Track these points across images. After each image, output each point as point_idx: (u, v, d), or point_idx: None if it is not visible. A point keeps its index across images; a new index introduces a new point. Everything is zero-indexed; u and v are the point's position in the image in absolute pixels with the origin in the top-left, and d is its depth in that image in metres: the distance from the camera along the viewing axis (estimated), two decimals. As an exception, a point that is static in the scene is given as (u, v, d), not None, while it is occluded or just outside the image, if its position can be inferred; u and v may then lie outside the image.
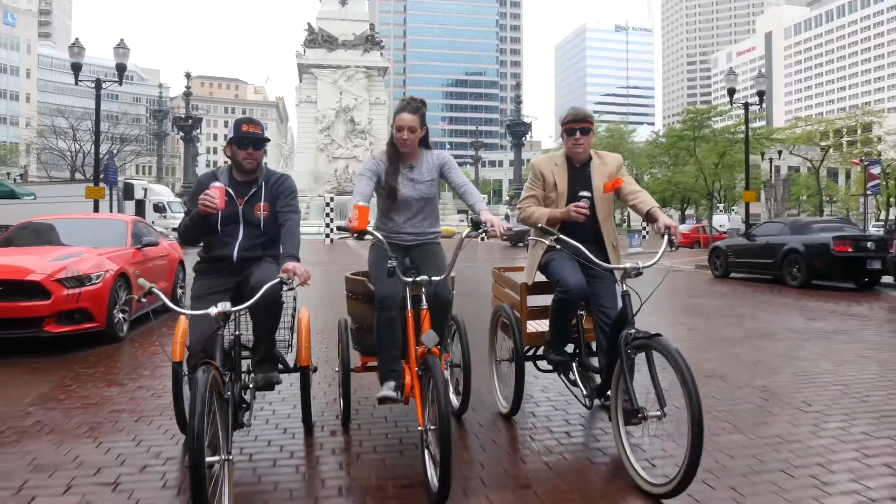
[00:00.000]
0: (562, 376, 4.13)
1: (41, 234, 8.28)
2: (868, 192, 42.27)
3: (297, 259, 3.40)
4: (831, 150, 46.81)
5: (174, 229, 12.10)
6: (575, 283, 3.77)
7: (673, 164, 45.37)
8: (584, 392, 3.88)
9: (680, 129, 39.68)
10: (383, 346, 3.72)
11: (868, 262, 12.85)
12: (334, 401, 4.70)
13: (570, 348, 4.09)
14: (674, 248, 3.55)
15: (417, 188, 3.92)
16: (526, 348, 4.29)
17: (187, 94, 49.79)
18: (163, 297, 2.89)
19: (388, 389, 3.61)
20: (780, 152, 43.18)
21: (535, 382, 5.08)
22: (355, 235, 3.33)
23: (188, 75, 50.32)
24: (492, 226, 3.40)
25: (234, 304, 3.09)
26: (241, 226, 3.63)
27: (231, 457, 2.85)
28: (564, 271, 3.84)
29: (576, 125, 3.99)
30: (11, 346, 6.52)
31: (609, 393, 3.53)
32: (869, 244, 13.07)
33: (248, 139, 3.60)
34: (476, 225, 3.44)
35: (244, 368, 3.60)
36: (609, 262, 3.88)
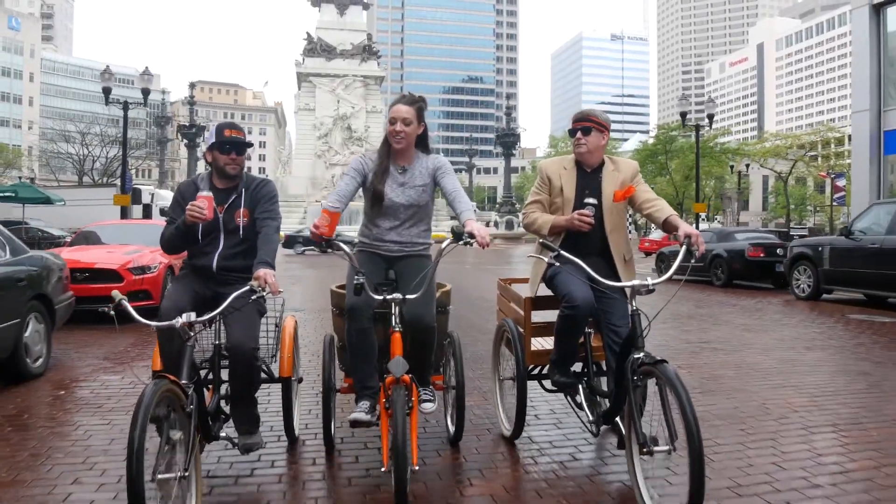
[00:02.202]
0: (568, 398, 3.91)
1: (104, 237, 10.81)
2: (834, 203, 44.87)
3: (272, 266, 3.35)
4: (799, 163, 49.73)
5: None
6: (582, 298, 3.50)
7: (658, 175, 48.21)
8: (590, 417, 3.66)
9: (652, 145, 42.43)
10: (355, 361, 3.53)
11: (777, 266, 15.36)
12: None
13: (578, 367, 3.88)
14: (694, 260, 3.24)
15: (407, 193, 3.67)
16: (531, 367, 4.05)
17: (192, 104, 52.08)
18: (130, 309, 2.85)
19: (360, 412, 3.41)
20: (748, 165, 46.04)
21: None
22: (323, 245, 3.23)
23: (192, 85, 52.72)
24: (473, 236, 3.20)
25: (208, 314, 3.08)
26: (222, 234, 3.57)
27: (187, 473, 2.76)
28: (571, 285, 3.55)
29: (577, 124, 3.79)
30: (95, 317, 8.99)
31: (618, 419, 3.40)
32: (779, 250, 15.56)
33: (230, 144, 3.53)
34: (458, 235, 3.23)
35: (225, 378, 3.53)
36: (619, 278, 3.67)
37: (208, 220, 3.40)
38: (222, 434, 3.33)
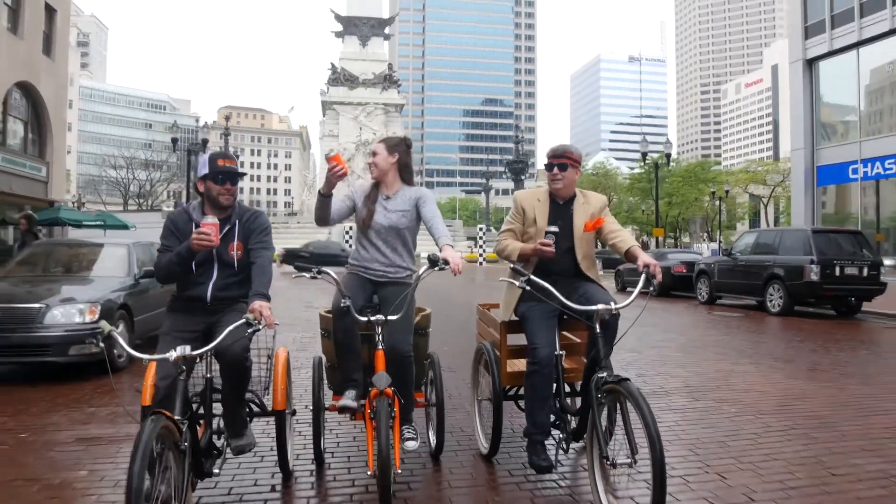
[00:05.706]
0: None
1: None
2: (814, 225, 48.68)
3: (267, 297, 3.29)
4: (777, 188, 53.68)
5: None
6: (544, 349, 3.65)
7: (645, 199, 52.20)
8: (561, 435, 3.73)
9: (638, 175, 46.69)
10: (342, 355, 3.83)
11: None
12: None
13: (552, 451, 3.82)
14: (653, 289, 3.44)
15: (388, 216, 3.99)
16: (507, 388, 4.22)
17: (226, 134, 56.28)
18: (121, 341, 2.78)
19: (348, 399, 3.73)
20: (727, 191, 49.77)
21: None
22: (314, 271, 3.53)
23: (227, 118, 57.18)
24: (447, 262, 3.41)
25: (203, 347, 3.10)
26: (216, 265, 3.53)
27: None
28: (536, 336, 3.69)
29: (554, 160, 3.96)
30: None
31: (586, 436, 3.44)
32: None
33: (224, 174, 3.50)
34: (434, 262, 3.43)
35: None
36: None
37: (216, 247, 3.39)
38: (215, 471, 3.31)
